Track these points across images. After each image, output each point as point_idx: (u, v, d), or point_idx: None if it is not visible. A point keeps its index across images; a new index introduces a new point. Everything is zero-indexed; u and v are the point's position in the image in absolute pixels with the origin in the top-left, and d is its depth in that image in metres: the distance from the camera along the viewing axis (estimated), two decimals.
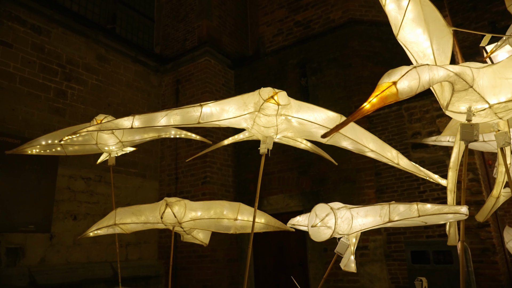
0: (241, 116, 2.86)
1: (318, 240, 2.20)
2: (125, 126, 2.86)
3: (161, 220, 3.39)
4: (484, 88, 2.08)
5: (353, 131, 2.79)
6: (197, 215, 3.44)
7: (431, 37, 2.15)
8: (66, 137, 3.25)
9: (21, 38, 5.52)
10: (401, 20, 2.13)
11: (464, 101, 2.17)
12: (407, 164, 2.92)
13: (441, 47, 2.17)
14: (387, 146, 2.86)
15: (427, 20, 2.11)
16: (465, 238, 4.78)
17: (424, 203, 2.09)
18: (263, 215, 3.50)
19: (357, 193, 5.74)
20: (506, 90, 2.09)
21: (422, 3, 2.06)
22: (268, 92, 2.69)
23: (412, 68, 1.36)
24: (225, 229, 3.48)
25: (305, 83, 6.78)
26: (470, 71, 1.91)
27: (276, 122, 2.90)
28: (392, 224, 2.11)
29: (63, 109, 5.89)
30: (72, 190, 5.79)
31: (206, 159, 6.70)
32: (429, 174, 3.12)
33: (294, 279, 4.43)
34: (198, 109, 2.72)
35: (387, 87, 1.26)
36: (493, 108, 2.19)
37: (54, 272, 5.22)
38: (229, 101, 2.79)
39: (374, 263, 5.42)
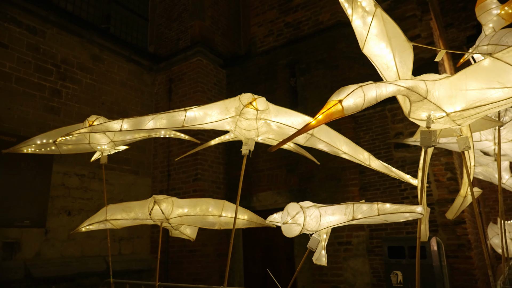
0: (224, 120, 3.06)
1: (289, 235, 2.41)
2: (115, 128, 3.06)
3: (149, 217, 3.59)
4: (440, 98, 2.28)
5: (327, 135, 3.00)
6: (184, 211, 3.64)
7: (393, 51, 2.34)
8: (59, 138, 3.44)
9: (17, 38, 5.67)
10: (366, 35, 2.32)
11: (423, 110, 2.38)
12: (378, 165, 3.12)
13: (403, 60, 2.37)
14: (359, 149, 3.07)
15: (389, 35, 2.30)
16: (442, 234, 5.04)
17: (384, 203, 2.30)
18: (246, 212, 3.70)
19: (342, 191, 5.96)
20: (461, 100, 2.29)
21: (384, 20, 2.25)
22: (248, 98, 2.89)
23: (358, 87, 1.55)
24: (210, 225, 3.68)
25: (294, 83, 6.97)
26: (424, 84, 2.11)
27: (257, 126, 3.10)
28: (356, 222, 2.32)
29: (58, 108, 6.05)
30: (67, 187, 5.98)
31: (197, 157, 6.89)
32: (400, 174, 3.33)
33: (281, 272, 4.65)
34: (183, 113, 2.91)
35: (333, 105, 1.46)
36: (451, 116, 2.39)
37: (49, 265, 5.42)
38: (212, 105, 2.99)
39: (357, 257, 5.65)
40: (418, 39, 6.53)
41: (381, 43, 2.33)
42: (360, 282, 5.56)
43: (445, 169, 5.25)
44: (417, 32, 6.57)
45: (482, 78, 2.10)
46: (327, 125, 3.02)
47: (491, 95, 2.13)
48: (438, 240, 4.22)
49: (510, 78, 1.99)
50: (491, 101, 2.16)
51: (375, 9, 2.23)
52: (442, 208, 5.11)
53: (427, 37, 6.47)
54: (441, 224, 5.08)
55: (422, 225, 3.30)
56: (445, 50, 2.33)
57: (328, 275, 5.84)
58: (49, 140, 3.98)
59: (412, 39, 6.62)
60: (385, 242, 4.49)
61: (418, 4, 6.69)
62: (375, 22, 2.27)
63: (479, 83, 2.12)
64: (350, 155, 3.03)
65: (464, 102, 2.28)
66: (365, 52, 2.41)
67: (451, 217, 3.64)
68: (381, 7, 2.25)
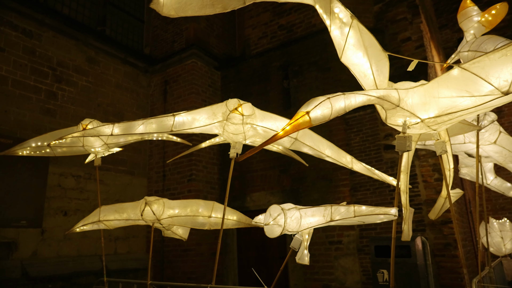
0: (211, 124, 3.17)
1: (271, 236, 2.52)
2: (106, 133, 3.17)
3: (141, 217, 3.70)
4: (414, 105, 2.40)
5: (311, 139, 3.11)
6: (175, 212, 3.75)
7: (370, 60, 2.45)
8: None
9: (13, 42, 5.77)
10: (344, 44, 2.43)
11: (398, 116, 2.49)
12: (361, 168, 3.24)
13: (380, 69, 2.48)
14: (342, 152, 3.18)
15: (366, 45, 2.41)
16: (429, 233, 5.16)
17: (360, 205, 2.41)
18: (235, 212, 3.81)
19: (333, 191, 6.08)
20: (434, 107, 2.40)
21: (361, 30, 2.36)
22: (234, 104, 3.00)
23: (326, 99, 1.66)
24: (200, 225, 3.79)
25: (287, 85, 7.08)
26: (396, 93, 2.23)
27: (243, 130, 3.21)
28: (334, 223, 2.43)
29: (54, 110, 6.16)
30: (63, 187, 6.08)
31: (192, 158, 7.00)
32: (383, 176, 3.45)
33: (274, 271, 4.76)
34: (171, 118, 3.02)
35: (300, 116, 1.56)
36: (425, 122, 2.50)
37: (45, 265, 5.53)
38: (199, 111, 3.10)
39: (348, 256, 5.77)
40: (409, 42, 6.64)
41: (358, 52, 2.44)
42: (351, 280, 5.68)
43: (433, 170, 5.37)
44: (407, 35, 6.68)
45: (452, 87, 2.21)
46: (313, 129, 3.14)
47: (460, 103, 2.24)
48: (423, 239, 4.34)
49: (476, 87, 2.09)
50: (461, 109, 2.27)
51: (352, 21, 2.34)
52: (430, 208, 5.21)
53: (417, 39, 6.58)
54: (429, 223, 5.20)
55: (405, 225, 3.43)
56: (418, 60, 2.43)
57: (320, 274, 5.96)
58: (44, 143, 4.08)
59: (403, 42, 6.74)
60: (372, 241, 4.61)
61: (408, 7, 6.79)
62: (352, 32, 2.38)
63: (450, 91, 2.24)
64: (333, 159, 3.15)
65: (436, 109, 2.39)
66: (343, 61, 2.52)
67: (433, 217, 3.76)
68: (357, 18, 2.36)
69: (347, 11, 2.32)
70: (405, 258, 4.13)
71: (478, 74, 2.03)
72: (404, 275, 4.07)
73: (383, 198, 5.63)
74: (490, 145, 4.07)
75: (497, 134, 3.98)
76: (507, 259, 8.25)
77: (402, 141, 2.51)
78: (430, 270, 4.19)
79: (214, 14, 2.14)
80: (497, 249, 8.36)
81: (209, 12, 1.67)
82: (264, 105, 7.23)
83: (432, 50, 7.69)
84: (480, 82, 2.05)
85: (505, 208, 9.97)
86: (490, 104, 2.15)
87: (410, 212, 3.44)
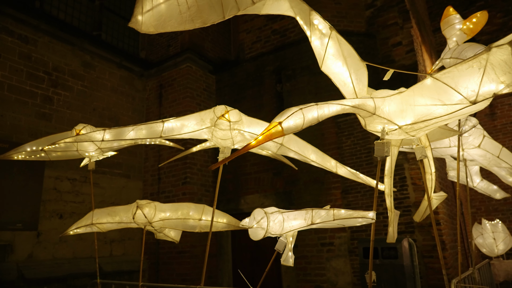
0: (200, 130, 3.27)
1: (255, 239, 2.62)
2: (98, 139, 3.27)
3: (133, 220, 3.79)
4: (391, 113, 2.50)
5: (296, 145, 3.20)
6: (166, 215, 3.84)
7: (349, 69, 2.55)
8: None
9: (9, 47, 5.86)
10: (324, 54, 2.53)
11: (377, 123, 2.59)
12: (345, 172, 3.33)
13: (359, 77, 2.58)
14: (327, 157, 3.28)
15: (345, 55, 2.51)
16: (418, 235, 5.25)
17: (340, 209, 2.50)
18: (225, 215, 3.90)
19: (325, 193, 6.17)
20: (411, 114, 2.50)
21: (339, 41, 2.46)
22: (221, 110, 3.09)
23: (298, 110, 1.75)
24: (191, 228, 3.88)
25: (280, 89, 7.18)
26: (372, 102, 2.33)
27: (231, 135, 3.30)
28: (315, 226, 2.53)
29: (50, 114, 6.25)
30: (59, 191, 6.17)
31: (186, 161, 7.09)
32: (368, 180, 3.55)
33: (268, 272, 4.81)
34: (160, 124, 3.12)
35: (273, 126, 1.66)
36: (403, 128, 2.60)
37: (41, 267, 5.61)
38: (188, 117, 3.20)
39: (339, 258, 5.86)
40: (400, 46, 6.75)
41: (338, 62, 2.54)
42: (342, 281, 5.78)
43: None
44: (398, 39, 6.79)
45: (426, 96, 2.31)
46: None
47: (434, 111, 2.34)
48: (410, 241, 4.44)
49: (448, 96, 2.20)
50: (435, 116, 2.37)
51: (331, 32, 2.44)
52: None
53: (408, 44, 6.69)
54: (417, 225, 5.30)
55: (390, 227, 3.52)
56: (394, 70, 2.53)
57: (312, 275, 6.05)
58: (39, 148, 4.18)
59: (394, 46, 6.85)
60: (361, 243, 4.70)
61: (399, 12, 6.90)
62: (331, 43, 2.48)
63: (425, 99, 2.34)
64: (318, 163, 3.24)
65: (413, 116, 2.49)
66: (323, 70, 2.62)
67: (417, 219, 3.85)
68: (335, 30, 2.46)
69: (326, 23, 2.42)
70: (392, 260, 4.22)
71: (449, 84, 2.13)
72: (391, 276, 4.17)
73: (373, 200, 5.72)
74: (474, 149, 4.16)
75: (481, 138, 4.08)
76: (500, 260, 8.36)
77: (380, 147, 2.61)
78: (417, 271, 4.28)
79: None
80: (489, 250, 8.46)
81: (189, 27, 1.76)
82: (257, 109, 7.37)
83: (424, 54, 7.80)
84: (450, 91, 2.15)
85: (498, 209, 10.09)
86: (461, 112, 2.25)
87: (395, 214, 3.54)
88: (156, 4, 1.59)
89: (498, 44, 1.84)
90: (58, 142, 3.41)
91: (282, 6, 2.35)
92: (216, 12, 1.89)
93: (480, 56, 1.94)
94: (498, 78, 1.91)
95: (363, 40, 7.06)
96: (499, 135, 10.34)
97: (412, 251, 4.34)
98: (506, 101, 10.53)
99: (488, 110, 10.79)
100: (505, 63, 1.83)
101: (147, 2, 1.57)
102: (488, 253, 8.31)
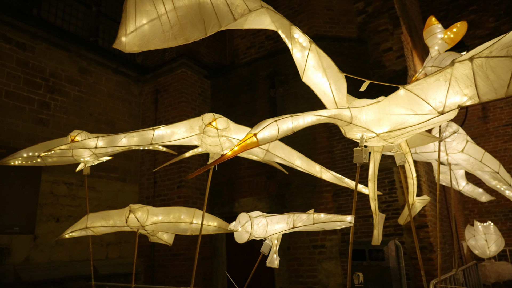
0: (190, 137, 3.39)
1: (240, 241, 2.74)
2: (91, 146, 3.39)
3: (126, 224, 3.91)
4: (368, 121, 2.62)
5: (282, 151, 3.33)
6: (158, 219, 3.96)
7: (329, 80, 2.68)
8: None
9: (7, 54, 5.99)
10: (304, 66, 2.67)
11: (355, 131, 2.72)
12: (329, 177, 3.46)
13: (338, 87, 2.71)
14: (312, 162, 3.40)
15: (324, 67, 2.64)
16: (406, 237, 5.37)
17: (319, 213, 2.63)
18: (215, 219, 4.03)
19: (317, 197, 6.30)
20: (387, 123, 2.63)
21: (319, 53, 2.59)
22: (209, 118, 3.22)
23: (273, 122, 1.88)
24: (182, 231, 4.00)
25: (273, 94, 7.31)
26: (348, 112, 2.46)
27: (220, 142, 3.42)
28: (297, 229, 2.65)
29: (47, 119, 6.37)
30: (55, 195, 6.29)
31: (181, 165, 7.21)
32: (352, 184, 3.67)
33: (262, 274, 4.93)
34: (151, 132, 3.25)
35: (248, 138, 1.78)
36: (381, 136, 2.72)
37: (37, 270, 5.72)
38: (178, 125, 3.33)
39: (330, 260, 5.98)
40: (390, 52, 6.90)
41: (318, 73, 2.68)
42: (333, 283, 5.89)
43: None
44: (389, 45, 6.93)
45: (401, 105, 2.44)
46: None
47: (408, 120, 2.47)
48: (397, 243, 4.56)
49: (419, 107, 2.33)
50: (409, 125, 2.50)
51: (310, 45, 2.58)
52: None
53: (398, 50, 6.83)
54: (406, 228, 5.42)
55: (375, 230, 3.65)
56: (369, 81, 2.66)
57: (304, 277, 6.16)
58: (35, 153, 4.30)
59: (384, 52, 6.99)
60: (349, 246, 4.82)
61: (390, 19, 7.05)
62: (311, 55, 2.62)
63: (399, 109, 2.47)
64: (303, 168, 3.37)
65: (389, 124, 2.62)
66: (304, 80, 2.75)
67: (402, 222, 3.98)
68: (315, 43, 2.59)
69: (305, 37, 2.55)
70: (379, 261, 4.35)
71: (419, 95, 2.27)
72: (377, 277, 4.29)
73: (363, 203, 5.85)
74: (458, 154, 4.29)
75: (464, 143, 4.20)
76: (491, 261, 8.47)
77: (359, 154, 2.74)
78: (403, 272, 4.40)
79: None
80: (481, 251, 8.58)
81: (172, 44, 1.89)
82: (251, 113, 7.51)
83: (415, 58, 7.95)
84: (421, 102, 2.28)
85: (491, 211, 10.21)
86: (432, 121, 2.38)
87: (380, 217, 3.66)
88: (140, 25, 1.72)
89: (460, 59, 1.98)
90: (53, 149, 3.53)
91: (264, 21, 2.47)
92: (198, 29, 2.01)
93: (445, 70, 2.07)
94: (462, 91, 2.03)
95: (354, 45, 7.20)
96: (491, 137, 10.48)
97: (398, 253, 4.46)
98: (498, 104, 10.67)
99: (481, 113, 10.94)
100: (467, 77, 1.96)
101: (131, 23, 1.70)
102: (480, 254, 8.43)
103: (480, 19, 11.48)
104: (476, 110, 10.82)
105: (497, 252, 8.28)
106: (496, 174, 4.31)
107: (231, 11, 2.20)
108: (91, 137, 3.95)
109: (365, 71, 7.04)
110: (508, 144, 10.20)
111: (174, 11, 1.88)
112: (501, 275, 8.10)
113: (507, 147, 10.22)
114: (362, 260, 4.46)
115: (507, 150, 10.19)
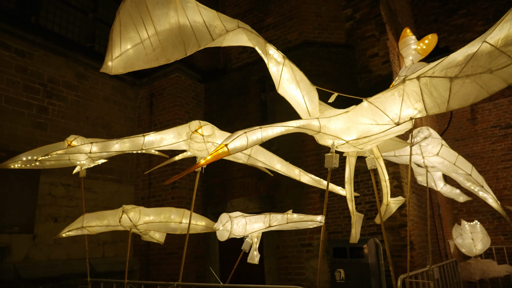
0: (178, 142, 3.65)
1: (221, 239, 3.00)
2: (86, 151, 3.65)
3: (119, 224, 4.17)
4: (337, 129, 2.88)
5: (263, 156, 3.58)
6: (150, 219, 4.22)
7: (302, 91, 2.94)
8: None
9: (6, 61, 6.23)
10: (279, 79, 2.92)
11: (326, 138, 2.97)
12: (308, 180, 3.72)
13: (311, 99, 2.96)
14: (291, 166, 3.66)
15: (297, 80, 2.90)
16: (388, 236, 5.63)
17: (293, 213, 2.88)
18: (203, 218, 4.28)
19: (305, 197, 6.55)
20: (355, 131, 2.88)
21: (292, 68, 2.85)
22: (195, 126, 3.48)
23: (242, 134, 2.13)
24: (172, 230, 4.26)
25: (264, 97, 7.57)
26: (317, 122, 2.71)
27: (206, 147, 3.68)
28: (273, 228, 2.90)
29: (45, 123, 6.62)
30: (53, 196, 6.54)
31: (175, 167, 7.46)
32: (331, 186, 3.93)
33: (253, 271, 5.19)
34: (141, 138, 3.50)
35: (220, 148, 2.03)
36: (350, 143, 2.98)
37: (36, 268, 5.97)
38: (166, 131, 3.59)
39: (317, 258, 6.24)
40: (376, 57, 7.15)
41: (292, 85, 2.93)
42: (320, 280, 6.14)
43: (392, 178, 5.85)
44: (375, 51, 7.19)
45: (365, 116, 2.70)
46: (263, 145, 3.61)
47: (371, 129, 2.73)
48: (377, 241, 4.81)
49: (380, 118, 2.59)
50: (374, 133, 2.76)
51: (284, 60, 2.83)
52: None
53: (384, 55, 7.09)
54: (388, 227, 5.68)
55: (353, 229, 3.92)
56: (337, 93, 2.90)
57: (292, 274, 6.42)
58: (34, 157, 4.55)
59: (371, 57, 7.24)
60: (331, 244, 5.08)
61: (376, 25, 7.30)
62: (285, 69, 2.87)
63: (364, 119, 2.73)
64: (283, 172, 3.63)
65: (356, 132, 2.88)
66: (280, 92, 3.00)
67: (379, 222, 4.24)
68: (288, 58, 2.84)
69: (279, 53, 2.80)
70: (359, 259, 4.61)
71: (379, 107, 2.52)
72: (357, 274, 4.55)
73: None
74: (433, 157, 4.55)
75: (439, 147, 4.46)
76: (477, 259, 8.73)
77: (329, 159, 2.99)
78: (382, 269, 4.66)
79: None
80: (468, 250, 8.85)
81: (155, 64, 2.14)
82: (243, 117, 7.77)
83: (401, 63, 8.21)
84: (381, 113, 2.54)
85: (479, 211, 10.47)
86: (391, 131, 2.64)
87: (358, 217, 3.93)
88: (124, 50, 1.96)
89: (410, 77, 2.23)
90: (50, 154, 3.79)
91: (241, 39, 2.72)
92: (179, 50, 2.26)
93: (399, 86, 2.33)
94: (412, 105, 2.29)
95: (342, 51, 7.46)
96: (479, 139, 10.73)
97: (378, 250, 4.72)
98: (486, 106, 10.92)
99: (470, 115, 11.20)
100: (416, 94, 2.22)
101: (116, 50, 1.94)
102: (467, 253, 8.69)
103: (469, 22, 11.74)
104: (465, 112, 11.08)
105: (483, 251, 8.53)
106: (469, 176, 4.57)
107: (210, 32, 2.45)
108: (87, 142, 4.20)
109: (352, 75, 7.30)
110: (496, 145, 10.44)
111: (156, 36, 2.13)
112: (486, 273, 8.34)
113: (494, 148, 10.46)
114: (343, 258, 4.72)
115: (494, 151, 10.43)
